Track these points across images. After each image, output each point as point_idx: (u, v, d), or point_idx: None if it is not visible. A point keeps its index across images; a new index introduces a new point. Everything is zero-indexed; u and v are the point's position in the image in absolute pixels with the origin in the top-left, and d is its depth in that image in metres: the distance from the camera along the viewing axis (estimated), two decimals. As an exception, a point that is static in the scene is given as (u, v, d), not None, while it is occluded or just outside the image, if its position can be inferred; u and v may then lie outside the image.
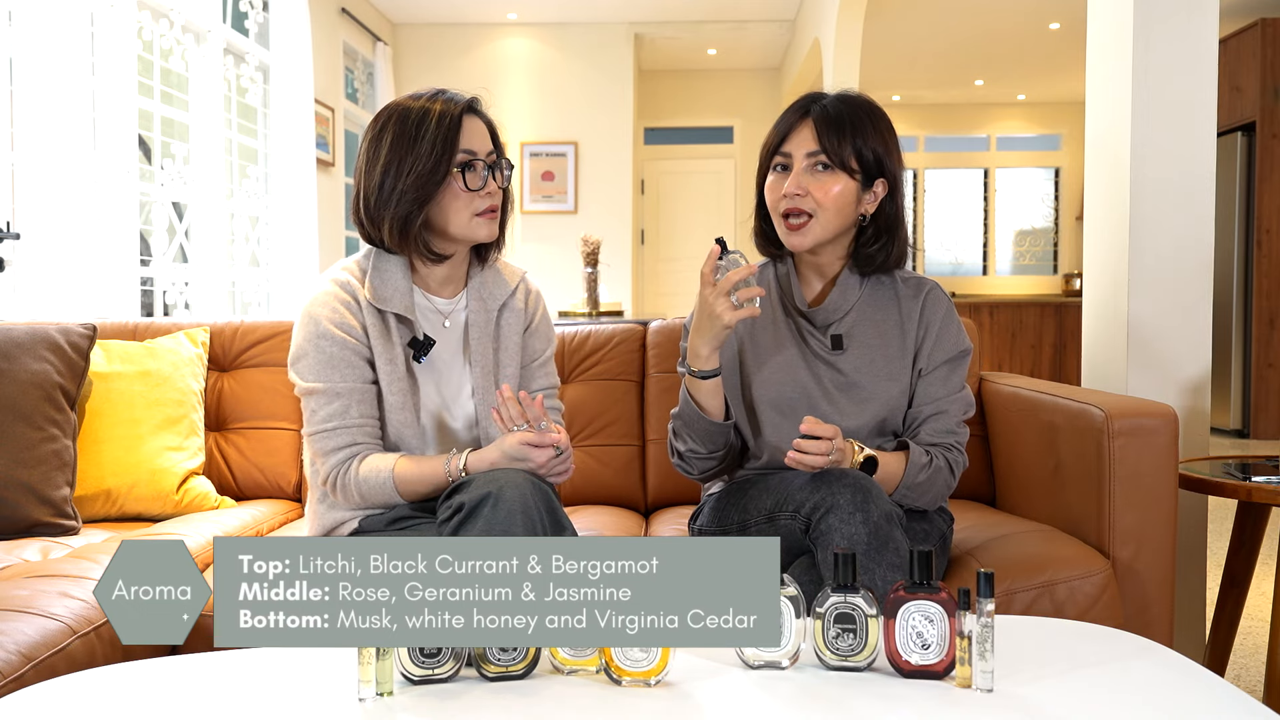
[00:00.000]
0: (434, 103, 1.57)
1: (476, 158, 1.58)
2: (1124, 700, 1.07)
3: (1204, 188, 2.25)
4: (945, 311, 1.67)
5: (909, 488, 1.57)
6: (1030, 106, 10.15)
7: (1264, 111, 5.97)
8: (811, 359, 1.65)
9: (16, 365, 1.88)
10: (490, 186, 1.59)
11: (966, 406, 1.66)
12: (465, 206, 1.58)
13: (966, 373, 1.68)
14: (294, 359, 1.60)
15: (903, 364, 1.64)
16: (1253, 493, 1.85)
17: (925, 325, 1.66)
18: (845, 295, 1.66)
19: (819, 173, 1.59)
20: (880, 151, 1.60)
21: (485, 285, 1.71)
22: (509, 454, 1.47)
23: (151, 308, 4.15)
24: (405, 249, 1.61)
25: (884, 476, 1.54)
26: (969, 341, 1.68)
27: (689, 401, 1.59)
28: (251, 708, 1.06)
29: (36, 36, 2.99)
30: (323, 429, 1.57)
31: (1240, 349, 6.13)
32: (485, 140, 1.61)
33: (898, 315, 1.66)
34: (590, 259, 4.76)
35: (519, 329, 1.71)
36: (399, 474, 1.54)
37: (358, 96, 7.34)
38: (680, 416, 1.62)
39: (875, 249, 1.65)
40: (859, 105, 1.62)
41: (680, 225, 9.13)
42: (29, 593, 1.45)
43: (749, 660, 1.15)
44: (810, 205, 1.59)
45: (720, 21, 7.90)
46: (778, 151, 1.62)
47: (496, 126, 1.66)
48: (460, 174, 1.56)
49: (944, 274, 10.20)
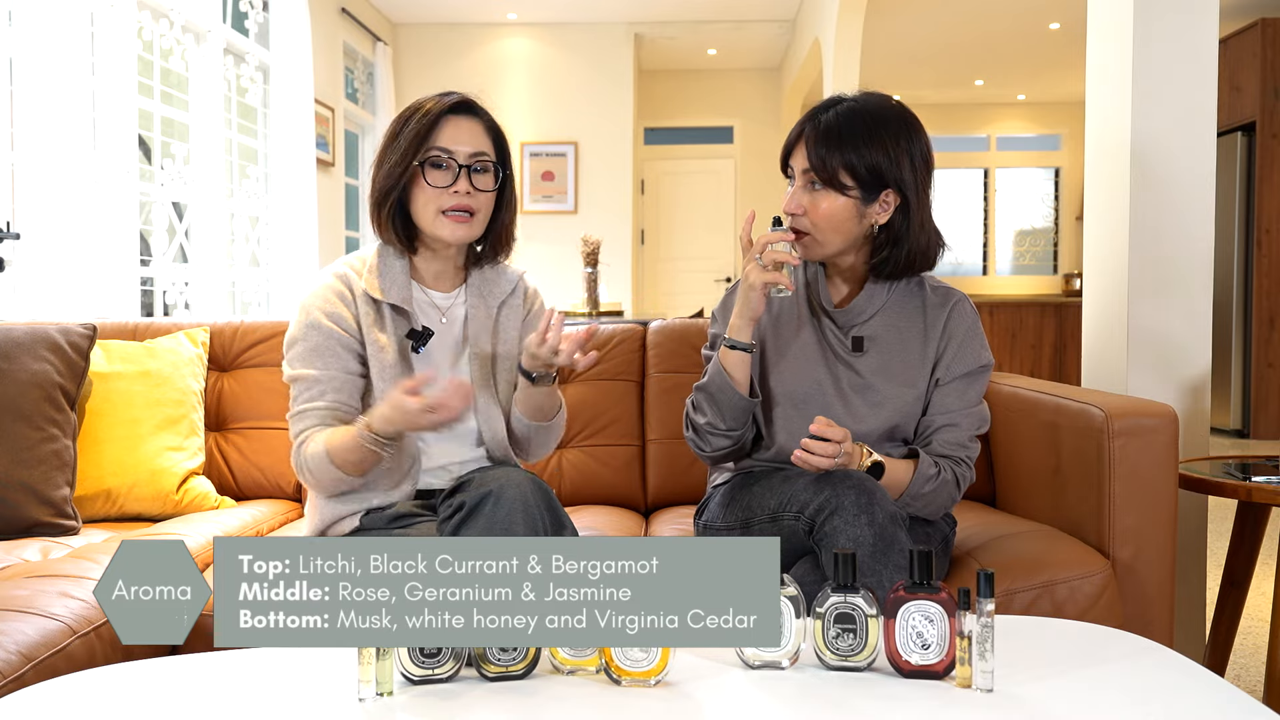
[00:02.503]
0: (429, 100, 1.62)
1: (450, 156, 1.59)
2: (1124, 700, 1.07)
3: (1204, 188, 2.25)
4: (970, 325, 1.66)
5: (913, 497, 1.56)
6: (1030, 106, 10.15)
7: (1264, 111, 5.97)
8: (830, 358, 1.65)
9: (16, 365, 1.88)
10: (460, 186, 1.59)
11: (980, 421, 1.65)
12: (430, 202, 1.60)
13: (984, 388, 1.67)
14: (286, 347, 1.64)
15: (921, 372, 1.63)
16: (1253, 493, 1.85)
17: (948, 336, 1.65)
18: (871, 299, 1.65)
19: (814, 190, 1.58)
20: (881, 163, 1.55)
21: (486, 283, 1.73)
22: (394, 405, 1.45)
23: (151, 308, 4.15)
24: (384, 235, 1.66)
25: (889, 483, 1.53)
26: (990, 357, 1.66)
27: (720, 371, 1.59)
28: (251, 708, 1.06)
29: (36, 36, 2.99)
30: (295, 412, 1.60)
31: (1240, 349, 6.13)
32: (474, 141, 1.61)
33: (922, 324, 1.66)
34: (590, 259, 4.76)
35: (518, 323, 1.74)
36: (329, 446, 1.53)
37: (358, 96, 7.34)
38: (706, 388, 1.61)
39: (884, 258, 1.62)
40: (866, 116, 1.57)
41: (680, 225, 9.13)
42: (29, 593, 1.45)
43: (749, 660, 1.15)
44: (806, 224, 1.59)
45: (720, 21, 7.90)
46: (788, 166, 1.64)
47: (503, 130, 1.66)
48: (422, 169, 1.59)
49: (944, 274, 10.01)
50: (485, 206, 1.63)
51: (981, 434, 1.66)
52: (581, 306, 4.81)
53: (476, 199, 1.61)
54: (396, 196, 1.61)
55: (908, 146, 1.58)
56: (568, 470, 2.21)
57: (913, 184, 1.58)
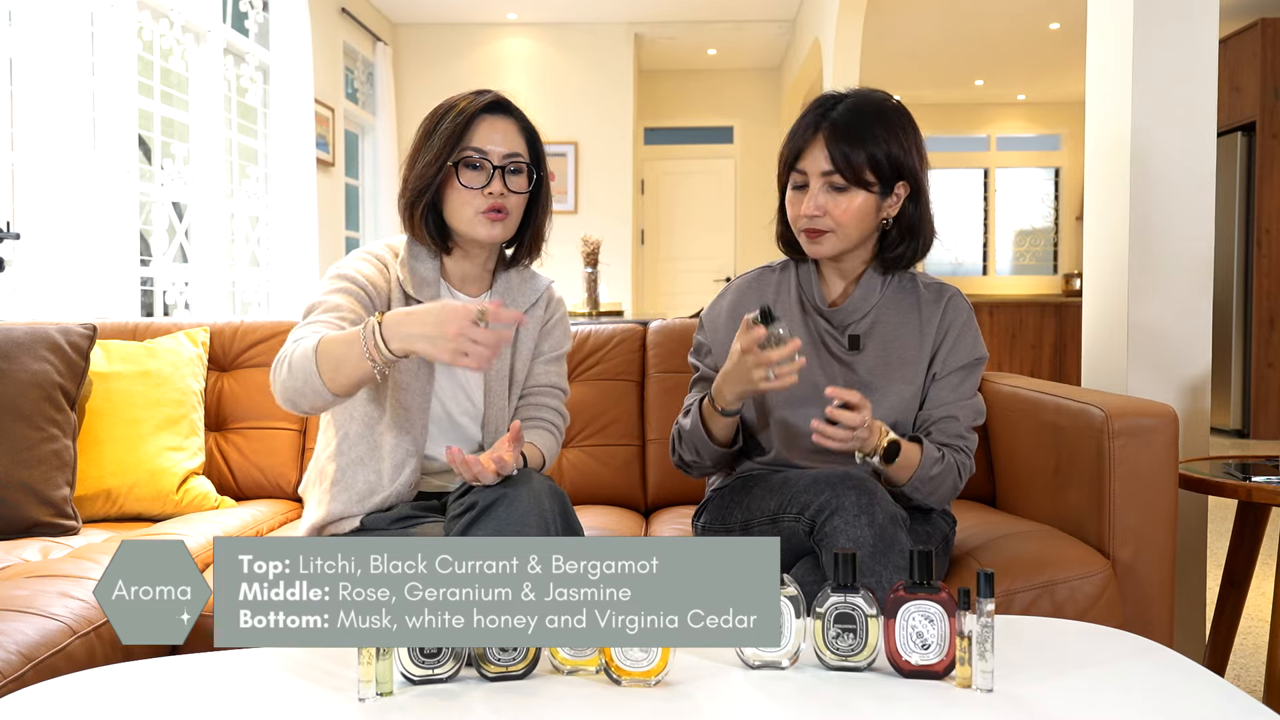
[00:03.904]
0: (464, 99, 1.61)
1: (485, 156, 1.58)
2: (1124, 700, 1.07)
3: (1204, 188, 2.25)
4: (965, 318, 1.67)
5: (923, 480, 1.56)
6: (1030, 106, 10.14)
7: (1264, 111, 5.97)
8: (826, 358, 1.65)
9: (16, 365, 1.88)
10: (495, 187, 1.58)
11: (976, 414, 1.66)
12: (466, 203, 1.58)
13: (979, 381, 1.68)
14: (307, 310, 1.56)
15: (918, 368, 1.64)
16: (1253, 493, 1.85)
17: (945, 330, 1.65)
18: (866, 296, 1.65)
19: (835, 192, 1.57)
20: (898, 154, 1.56)
21: (513, 288, 1.72)
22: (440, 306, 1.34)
23: (151, 308, 4.15)
24: (417, 235, 1.64)
25: (902, 464, 1.53)
26: (985, 350, 1.67)
27: (699, 427, 1.60)
28: (251, 708, 1.06)
29: (36, 36, 2.99)
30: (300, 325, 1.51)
31: (1240, 349, 6.13)
32: (509, 142, 1.60)
33: (918, 319, 1.66)
34: (590, 259, 4.76)
35: (535, 332, 1.73)
36: (322, 339, 1.42)
37: (358, 96, 7.34)
38: (688, 436, 1.63)
39: (900, 251, 1.63)
40: (872, 109, 1.58)
41: (680, 225, 9.13)
42: (29, 593, 1.45)
43: (749, 660, 1.15)
44: (828, 224, 1.58)
45: (720, 21, 7.90)
46: (794, 169, 1.60)
47: (536, 130, 1.65)
48: (456, 170, 1.57)
49: (944, 274, 10.19)
50: (518, 207, 1.62)
51: (978, 426, 1.67)
52: (581, 306, 4.81)
53: (510, 200, 1.60)
54: (429, 198, 1.59)
55: (913, 136, 1.60)
56: (568, 470, 2.21)
57: (920, 173, 1.61)
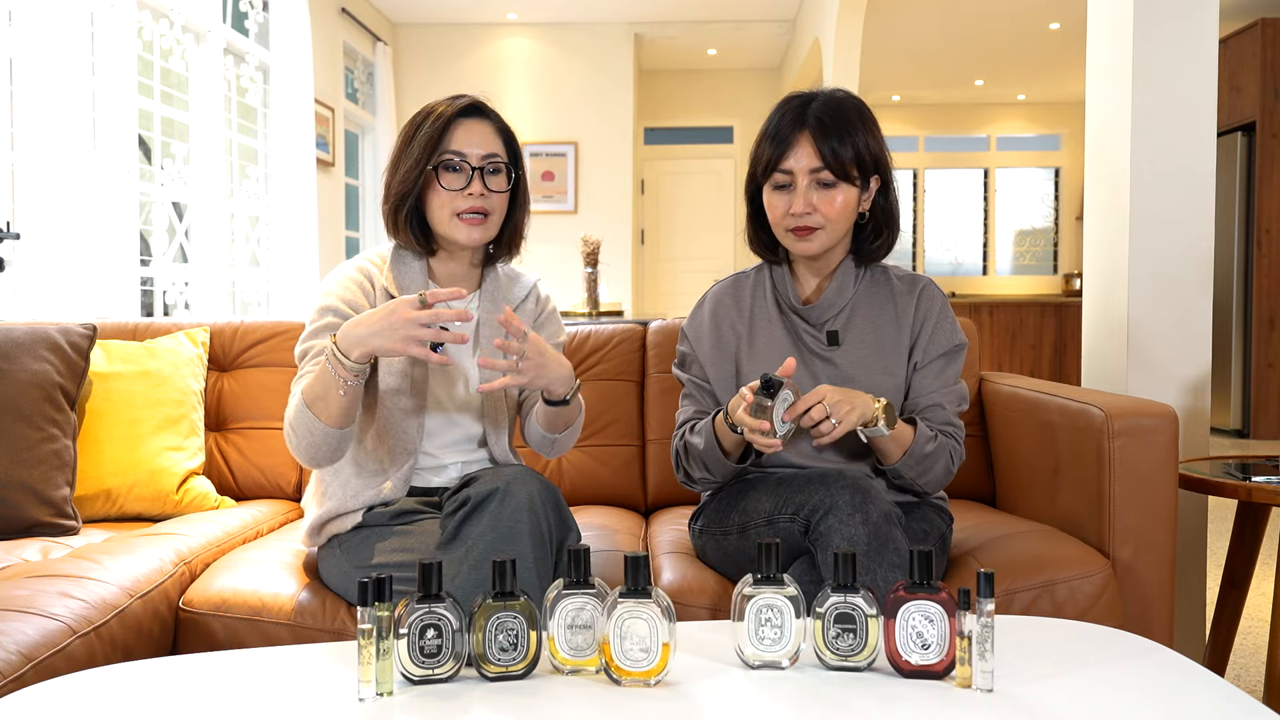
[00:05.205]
0: (441, 104, 1.63)
1: (463, 159, 1.60)
2: (1124, 700, 1.07)
3: (1204, 188, 2.25)
4: (940, 307, 1.69)
5: (917, 459, 1.56)
6: (1030, 106, 10.14)
7: (1264, 111, 5.97)
8: (807, 355, 1.66)
9: (16, 365, 1.87)
10: (474, 189, 1.60)
11: (960, 399, 1.68)
12: (445, 205, 1.61)
13: (961, 367, 1.69)
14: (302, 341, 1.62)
15: (898, 359, 1.65)
16: (1253, 493, 1.85)
17: (921, 320, 1.67)
18: (841, 292, 1.67)
19: (823, 188, 1.58)
20: (875, 148, 1.60)
21: (499, 288, 1.74)
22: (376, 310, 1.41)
23: (151, 308, 4.15)
24: (402, 239, 1.67)
25: (898, 437, 1.54)
26: (964, 336, 1.69)
27: (714, 446, 1.59)
28: (251, 708, 1.06)
29: (36, 36, 2.99)
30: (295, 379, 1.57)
31: (1240, 349, 6.13)
32: (486, 143, 1.62)
33: (893, 310, 1.68)
34: (590, 259, 4.76)
35: (530, 325, 1.74)
36: (304, 388, 1.49)
37: (358, 96, 7.34)
38: (702, 457, 1.62)
39: (877, 244, 1.68)
40: (849, 106, 1.61)
41: (680, 225, 9.13)
42: (29, 593, 1.45)
43: (749, 660, 1.15)
44: (818, 220, 1.59)
45: (720, 21, 7.90)
46: (777, 169, 1.60)
47: (513, 130, 1.67)
48: (436, 173, 1.60)
49: (944, 274, 10.19)
50: (499, 208, 1.65)
51: (963, 411, 1.68)
52: (581, 306, 4.81)
53: (490, 200, 1.62)
54: (412, 202, 1.62)
55: (879, 130, 1.64)
56: (568, 470, 2.21)
57: (889, 166, 1.65)
